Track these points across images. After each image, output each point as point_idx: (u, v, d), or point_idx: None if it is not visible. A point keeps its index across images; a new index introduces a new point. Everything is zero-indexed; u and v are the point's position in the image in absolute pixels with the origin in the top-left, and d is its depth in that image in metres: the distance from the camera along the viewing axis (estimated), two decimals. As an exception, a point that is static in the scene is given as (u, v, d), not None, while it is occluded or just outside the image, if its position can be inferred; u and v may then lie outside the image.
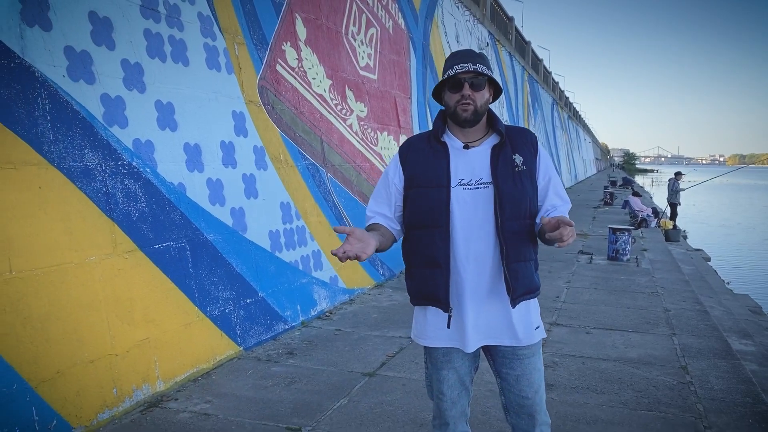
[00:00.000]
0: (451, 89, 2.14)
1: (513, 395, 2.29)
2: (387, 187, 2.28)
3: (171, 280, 4.25)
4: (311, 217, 6.23)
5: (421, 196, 2.17)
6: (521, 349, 2.25)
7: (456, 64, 2.14)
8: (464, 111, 2.13)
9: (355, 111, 7.62)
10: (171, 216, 4.33)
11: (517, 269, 2.16)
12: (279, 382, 4.29)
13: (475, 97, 2.13)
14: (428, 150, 2.21)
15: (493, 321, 2.21)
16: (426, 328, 2.26)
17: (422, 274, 2.21)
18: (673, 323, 6.05)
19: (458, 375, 2.29)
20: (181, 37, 4.67)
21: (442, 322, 2.22)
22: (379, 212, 2.28)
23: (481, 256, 2.15)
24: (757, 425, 3.72)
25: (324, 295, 6.20)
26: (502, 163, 2.16)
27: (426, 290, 2.20)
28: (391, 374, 4.47)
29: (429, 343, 2.27)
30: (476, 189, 2.15)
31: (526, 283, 2.21)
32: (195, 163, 4.64)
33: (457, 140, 2.22)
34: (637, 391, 4.20)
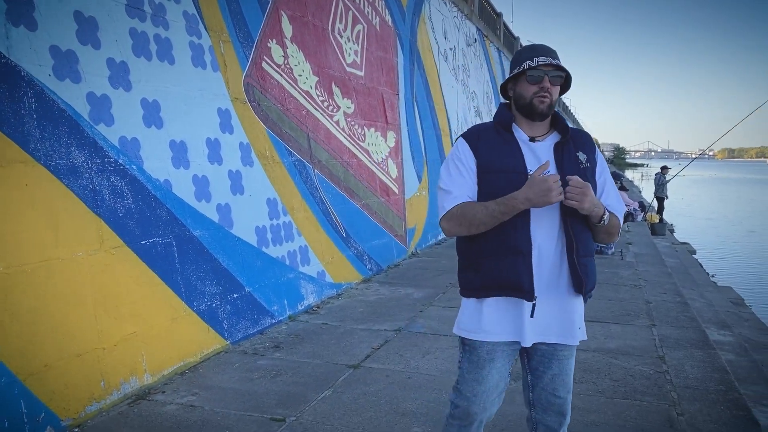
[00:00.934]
0: (530, 81, 2.16)
1: (545, 393, 2.32)
2: (466, 172, 2.21)
3: (158, 276, 4.32)
4: (298, 212, 6.31)
5: (499, 180, 2.15)
6: (562, 349, 2.26)
7: (536, 57, 2.16)
8: (541, 103, 2.16)
9: (342, 107, 7.69)
10: (157, 212, 4.39)
11: (587, 264, 2.20)
12: (265, 374, 4.38)
13: (552, 91, 2.17)
14: (498, 138, 2.23)
15: (553, 316, 2.21)
16: (482, 322, 2.23)
17: (499, 263, 2.16)
18: (654, 315, 6.18)
19: (498, 376, 2.28)
20: (166, 36, 4.73)
21: (503, 314, 2.20)
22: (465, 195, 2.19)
23: (550, 249, 2.17)
24: (728, 412, 3.85)
25: (311, 290, 6.28)
26: (567, 158, 2.19)
27: (505, 279, 2.15)
28: (376, 366, 4.56)
29: (485, 337, 2.23)
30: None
31: (593, 279, 2.25)
32: (181, 160, 4.71)
33: (523, 133, 2.24)
34: (614, 380, 4.32)
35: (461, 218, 2.14)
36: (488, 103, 18.58)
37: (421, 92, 11.10)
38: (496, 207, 2.08)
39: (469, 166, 2.21)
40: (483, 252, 2.20)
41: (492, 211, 2.08)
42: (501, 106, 2.33)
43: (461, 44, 15.63)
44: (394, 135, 9.49)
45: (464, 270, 2.30)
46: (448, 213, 2.18)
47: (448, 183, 2.22)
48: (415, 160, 10.35)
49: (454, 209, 2.16)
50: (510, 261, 2.14)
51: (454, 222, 2.17)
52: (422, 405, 3.86)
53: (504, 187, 2.12)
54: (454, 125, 13.37)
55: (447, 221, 2.19)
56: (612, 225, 2.19)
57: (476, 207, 2.12)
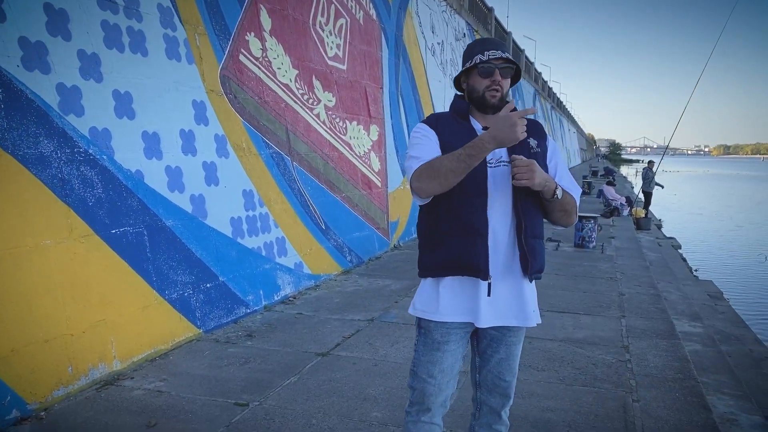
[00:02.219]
0: (482, 75, 2.23)
1: (491, 376, 2.40)
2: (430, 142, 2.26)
3: (128, 264, 4.39)
4: (275, 204, 6.38)
5: None
6: (510, 334, 2.34)
7: (487, 50, 2.23)
8: (493, 97, 2.23)
9: (322, 101, 7.75)
10: (128, 202, 4.46)
11: (534, 246, 2.25)
12: (234, 362, 4.46)
13: (503, 84, 2.24)
14: (456, 125, 2.30)
15: (505, 298, 2.27)
16: (438, 302, 2.27)
17: (458, 242, 2.21)
18: (625, 306, 6.28)
19: (452, 358, 2.33)
20: (140, 28, 4.79)
21: (459, 294, 2.26)
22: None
23: (502, 230, 2.22)
24: (683, 398, 3.94)
25: (288, 281, 6.36)
26: (518, 144, 2.18)
27: (463, 259, 2.20)
28: (344, 354, 4.65)
29: (436, 317, 2.29)
30: (497, 167, 2.23)
31: (541, 261, 2.29)
32: (153, 151, 4.78)
33: (477, 123, 2.31)
34: (576, 369, 4.41)
35: (430, 170, 2.13)
36: (478, 98, 18.65)
37: (406, 86, 11.16)
38: (463, 151, 2.06)
39: (434, 139, 2.27)
40: (442, 231, 2.25)
41: (459, 155, 2.07)
42: (456, 97, 2.40)
43: (450, 39, 15.68)
44: (377, 128, 9.56)
45: (423, 250, 2.36)
46: (416, 171, 2.17)
47: (415, 152, 2.25)
48: (400, 153, 10.42)
49: (422, 166, 2.16)
50: (468, 241, 2.20)
51: (425, 176, 2.14)
52: (385, 391, 3.95)
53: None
54: (441, 119, 13.42)
55: (417, 179, 2.17)
56: (566, 201, 2.25)
57: (443, 156, 2.14)
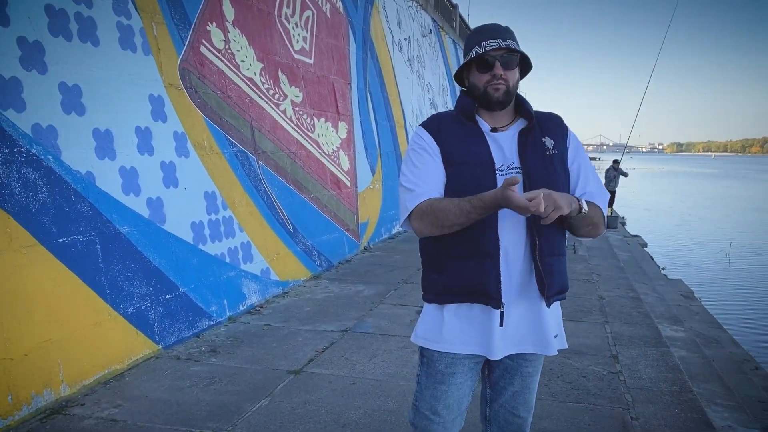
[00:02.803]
0: (480, 69, 1.93)
1: (504, 410, 2.11)
2: (431, 160, 1.94)
3: (78, 277, 3.94)
4: (240, 206, 5.96)
5: (466, 174, 1.91)
6: (527, 365, 2.06)
7: (484, 41, 1.92)
8: (496, 91, 1.92)
9: (289, 96, 7.35)
10: (77, 207, 4.01)
11: (552, 264, 1.96)
12: (197, 382, 4.06)
13: (507, 77, 1.92)
14: (462, 128, 1.98)
15: (521, 325, 1.98)
16: (441, 331, 1.99)
17: (465, 265, 1.93)
18: (607, 311, 6.07)
19: (459, 393, 2.04)
20: (89, 15, 4.32)
21: (467, 323, 1.97)
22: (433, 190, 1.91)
23: (515, 249, 1.93)
24: (683, 414, 3.71)
25: (254, 289, 5.96)
26: (531, 146, 1.95)
27: (471, 283, 1.92)
28: (318, 371, 4.29)
29: (445, 347, 1.99)
30: (508, 174, 1.92)
31: (561, 280, 2.02)
32: (106, 150, 4.32)
33: (485, 123, 1.99)
34: (567, 383, 4.15)
35: (432, 218, 1.86)
36: (444, 96, 18.43)
37: (374, 82, 10.82)
38: (472, 208, 1.80)
39: (435, 153, 1.95)
40: (447, 252, 1.96)
41: (468, 212, 1.80)
42: (462, 94, 2.08)
43: (416, 35, 15.40)
44: (345, 126, 9.19)
45: (427, 271, 2.06)
46: (416, 211, 1.90)
47: (411, 178, 1.94)
48: (369, 152, 10.08)
49: (423, 206, 1.88)
50: (476, 263, 1.92)
51: (426, 222, 1.89)
52: (366, 414, 3.61)
53: (469, 181, 1.90)
54: (409, 117, 13.15)
55: (417, 220, 1.91)
56: (593, 214, 1.93)
57: (448, 206, 1.84)
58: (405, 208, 1.93)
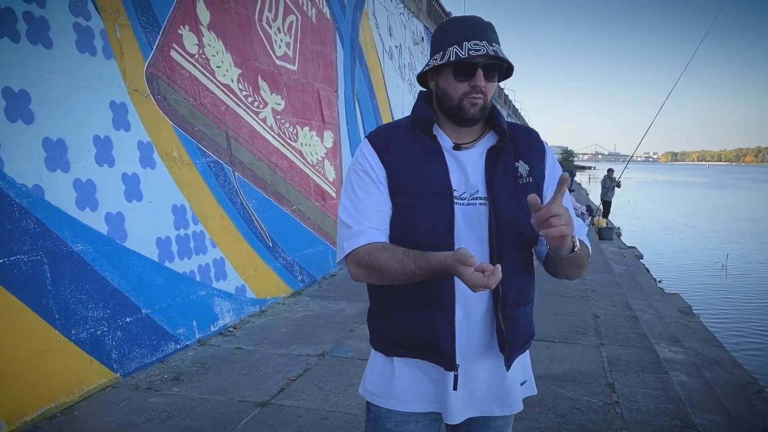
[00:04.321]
0: (459, 76, 1.54)
1: None
2: (374, 187, 1.59)
3: (21, 301, 3.57)
4: (213, 220, 5.61)
5: (416, 206, 1.57)
6: (496, 420, 1.73)
7: (466, 41, 1.52)
8: (473, 106, 1.55)
9: (270, 104, 7.01)
10: (22, 224, 3.65)
11: (516, 318, 1.63)
12: (154, 416, 3.69)
13: (487, 89, 1.56)
14: (416, 144, 1.61)
15: (484, 384, 1.66)
16: (392, 386, 1.68)
17: (414, 315, 1.61)
18: (602, 331, 5.73)
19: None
20: (41, 15, 3.98)
21: (421, 378, 1.65)
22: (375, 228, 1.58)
23: (476, 298, 1.59)
24: (686, 455, 3.37)
25: (227, 308, 5.60)
26: (502, 171, 1.60)
27: (422, 339, 1.61)
28: (288, 403, 3.92)
29: (395, 405, 1.67)
30: (469, 205, 1.58)
31: (526, 335, 1.69)
32: (58, 161, 3.97)
33: (447, 138, 1.62)
34: (559, 416, 3.80)
35: (371, 268, 1.55)
36: (436, 104, 18.16)
37: (363, 90, 10.50)
38: (417, 269, 1.47)
39: (379, 180, 1.60)
40: (394, 298, 1.64)
41: (412, 272, 1.49)
42: (420, 97, 1.68)
43: (408, 42, 15.12)
44: (331, 135, 8.86)
45: (374, 314, 1.73)
46: (352, 255, 1.57)
47: (351, 211, 1.60)
48: (355, 161, 9.74)
49: (362, 253, 1.55)
50: (427, 315, 1.59)
51: (364, 272, 1.57)
52: (336, 455, 3.25)
53: (420, 216, 1.56)
54: (399, 125, 12.83)
55: (354, 267, 1.59)
56: (583, 254, 1.56)
57: (390, 262, 1.51)
58: (341, 247, 1.60)
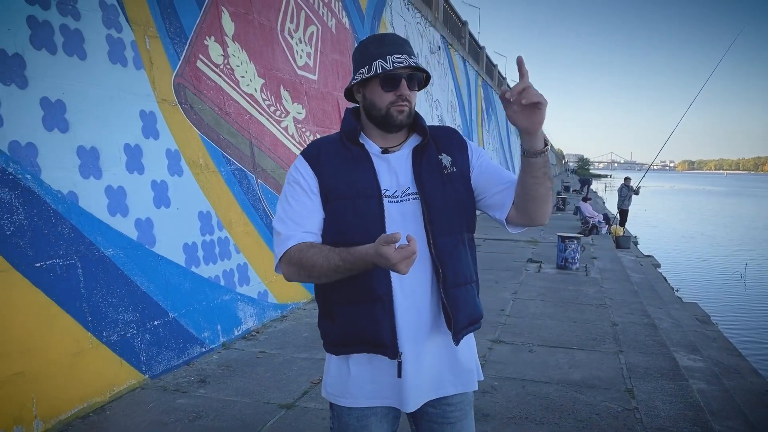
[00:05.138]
0: (386, 86, 1.71)
1: None
2: (305, 196, 1.75)
3: (56, 304, 3.70)
4: (237, 227, 5.73)
5: (346, 209, 1.72)
6: (453, 410, 1.83)
7: (389, 55, 1.70)
8: (400, 113, 1.72)
9: (291, 112, 7.14)
10: (58, 229, 3.78)
11: (458, 295, 1.76)
12: (182, 417, 3.79)
13: (411, 97, 1.74)
14: (345, 154, 1.77)
15: (434, 367, 1.77)
16: (348, 384, 1.78)
17: (353, 311, 1.73)
18: (620, 339, 5.76)
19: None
20: (76, 27, 4.14)
21: (374, 373, 1.76)
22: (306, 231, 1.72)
23: (418, 283, 1.73)
24: (706, 460, 3.41)
25: (250, 313, 5.70)
26: (427, 166, 1.76)
27: (362, 333, 1.72)
28: (312, 405, 4.01)
29: (353, 402, 1.78)
30: (403, 201, 1.74)
31: (469, 312, 1.80)
32: (91, 168, 4.11)
33: (374, 145, 1.78)
34: (578, 421, 3.85)
35: (299, 266, 1.68)
36: (452, 112, 18.24)
37: (380, 99, 10.62)
38: (342, 263, 1.61)
39: (310, 189, 1.75)
40: (336, 297, 1.77)
41: (336, 267, 1.62)
42: (347, 112, 1.85)
43: (425, 51, 15.25)
44: (350, 143, 8.97)
45: (321, 317, 1.85)
46: (284, 256, 1.71)
47: (282, 218, 1.75)
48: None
49: (292, 252, 1.69)
50: (367, 309, 1.72)
51: (294, 270, 1.70)
52: (360, 456, 3.33)
53: (351, 217, 1.71)
54: (416, 134, 12.93)
55: (286, 266, 1.72)
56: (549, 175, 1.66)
57: (316, 257, 1.65)
58: (276, 254, 1.74)
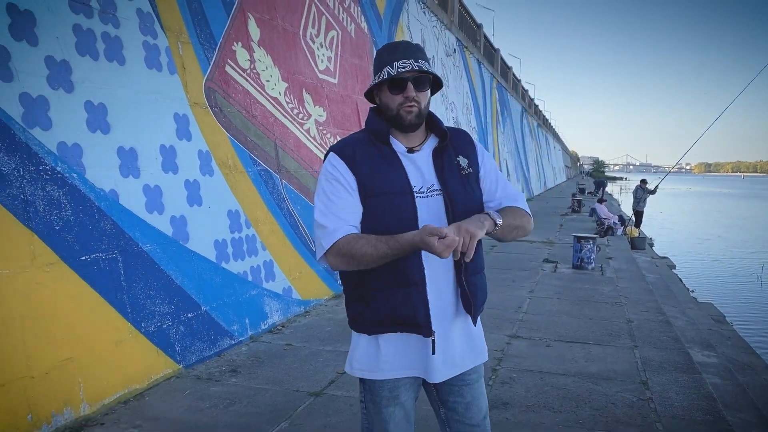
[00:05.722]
0: (393, 90, 1.91)
1: (462, 426, 2.08)
2: (345, 192, 1.90)
3: (100, 295, 3.93)
4: (263, 225, 5.95)
5: (384, 204, 1.89)
6: (469, 373, 2.06)
7: (396, 61, 1.90)
8: (409, 113, 1.91)
9: (313, 115, 7.37)
10: (101, 225, 4.02)
11: (476, 283, 2.00)
12: (217, 403, 4.01)
13: (419, 98, 1.92)
14: (376, 153, 1.94)
15: (458, 344, 2.00)
16: (379, 360, 1.97)
17: (391, 295, 1.91)
18: (635, 335, 5.91)
19: (405, 410, 2.04)
20: (116, 35, 4.38)
21: (404, 349, 1.96)
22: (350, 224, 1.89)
23: (442, 271, 1.94)
24: (718, 446, 3.56)
25: (276, 308, 5.92)
26: (448, 167, 1.96)
27: (399, 314, 1.90)
28: (339, 393, 4.21)
29: (381, 375, 1.98)
30: (429, 197, 1.93)
31: (483, 296, 2.06)
32: (130, 168, 4.34)
33: (400, 144, 1.98)
34: (595, 409, 4.02)
35: (349, 257, 1.85)
36: (467, 114, 18.40)
37: (398, 102, 10.81)
38: (388, 249, 1.80)
39: (350, 186, 1.91)
40: (372, 284, 1.93)
41: (384, 254, 1.82)
42: (372, 112, 2.03)
43: (440, 54, 15.44)
44: (369, 145, 9.18)
45: (352, 302, 2.03)
46: (331, 249, 1.87)
47: (326, 213, 1.90)
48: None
49: (340, 244, 1.86)
50: (403, 294, 1.91)
51: (343, 260, 1.88)
52: (387, 439, 3.52)
53: (388, 211, 1.89)
54: (433, 136, 13.11)
55: (334, 258, 1.89)
56: (510, 223, 1.93)
57: (365, 248, 1.83)
58: (320, 246, 1.90)
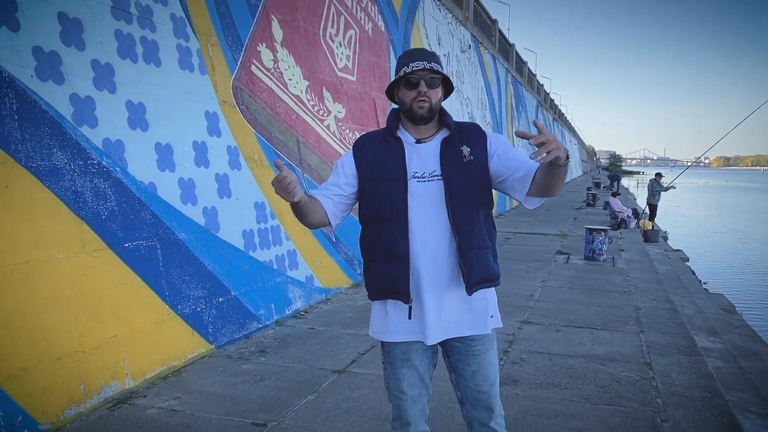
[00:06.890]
0: (407, 87, 2.23)
1: (469, 390, 2.36)
2: (337, 177, 2.34)
3: (141, 279, 4.29)
4: (287, 216, 6.28)
5: (378, 189, 2.25)
6: (476, 344, 2.32)
7: (411, 62, 2.22)
8: (420, 108, 2.22)
9: (332, 112, 7.68)
10: (141, 215, 4.37)
11: (471, 257, 2.23)
12: (248, 379, 4.35)
13: (430, 95, 2.22)
14: (383, 145, 2.29)
15: (453, 312, 2.28)
16: (387, 324, 2.31)
17: (381, 267, 2.26)
18: (642, 321, 6.16)
19: (417, 372, 2.34)
20: (153, 38, 4.72)
21: (403, 314, 2.28)
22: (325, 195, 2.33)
23: (439, 246, 2.23)
24: (712, 418, 3.83)
25: (299, 294, 6.25)
26: (451, 154, 2.25)
27: (386, 283, 2.25)
28: (360, 371, 4.53)
29: (389, 338, 2.31)
30: (429, 181, 2.24)
31: (482, 271, 2.26)
32: (166, 162, 4.69)
33: (410, 136, 2.30)
34: (599, 387, 4.30)
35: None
36: (482, 110, 18.61)
37: (414, 98, 11.08)
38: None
39: (344, 172, 2.32)
40: (371, 256, 2.32)
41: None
42: (391, 111, 2.40)
43: (455, 50, 15.67)
44: (386, 140, 9.47)
45: (364, 273, 2.40)
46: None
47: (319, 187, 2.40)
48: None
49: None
50: (389, 266, 2.25)
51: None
52: (405, 410, 3.83)
53: (383, 196, 2.24)
54: (448, 131, 13.35)
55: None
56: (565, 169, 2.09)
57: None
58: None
